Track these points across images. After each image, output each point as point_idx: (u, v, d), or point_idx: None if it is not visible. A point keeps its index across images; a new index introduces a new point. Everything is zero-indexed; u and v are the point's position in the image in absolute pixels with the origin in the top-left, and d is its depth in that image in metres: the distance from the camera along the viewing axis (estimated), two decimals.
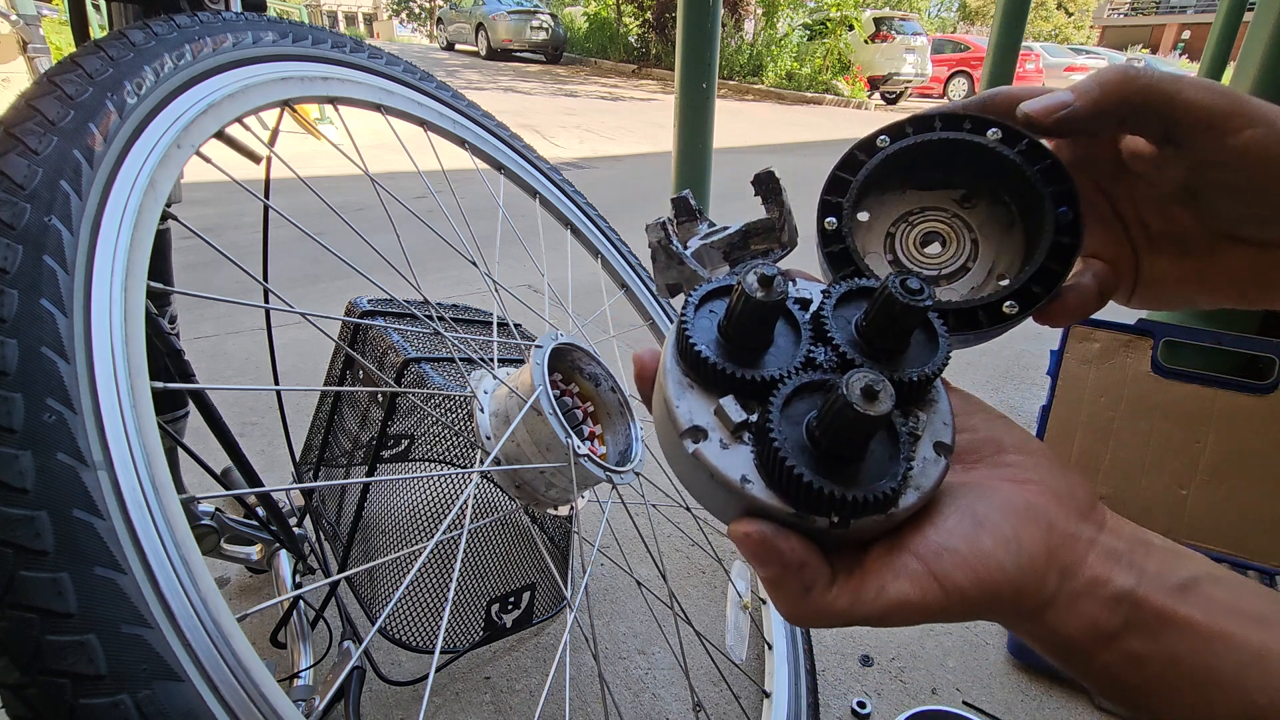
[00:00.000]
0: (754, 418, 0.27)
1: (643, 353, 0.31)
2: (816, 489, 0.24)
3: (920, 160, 0.34)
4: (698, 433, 0.26)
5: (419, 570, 0.84)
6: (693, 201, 0.38)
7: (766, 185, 0.36)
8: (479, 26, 14.39)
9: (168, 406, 0.80)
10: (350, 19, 38.70)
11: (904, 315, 0.27)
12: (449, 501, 0.83)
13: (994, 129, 0.32)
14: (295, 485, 1.09)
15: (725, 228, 0.37)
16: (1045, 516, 0.26)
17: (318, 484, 1.01)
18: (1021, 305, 0.31)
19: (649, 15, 12.69)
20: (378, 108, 0.68)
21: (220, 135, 0.50)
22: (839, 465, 0.25)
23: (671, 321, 1.03)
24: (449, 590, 0.83)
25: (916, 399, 0.28)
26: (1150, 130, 0.30)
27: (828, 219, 0.33)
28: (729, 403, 0.27)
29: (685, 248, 0.37)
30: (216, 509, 0.93)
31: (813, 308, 0.30)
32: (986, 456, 0.29)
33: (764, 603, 0.96)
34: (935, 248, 0.35)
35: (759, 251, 0.37)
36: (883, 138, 0.33)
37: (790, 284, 0.32)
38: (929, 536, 0.25)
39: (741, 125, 8.01)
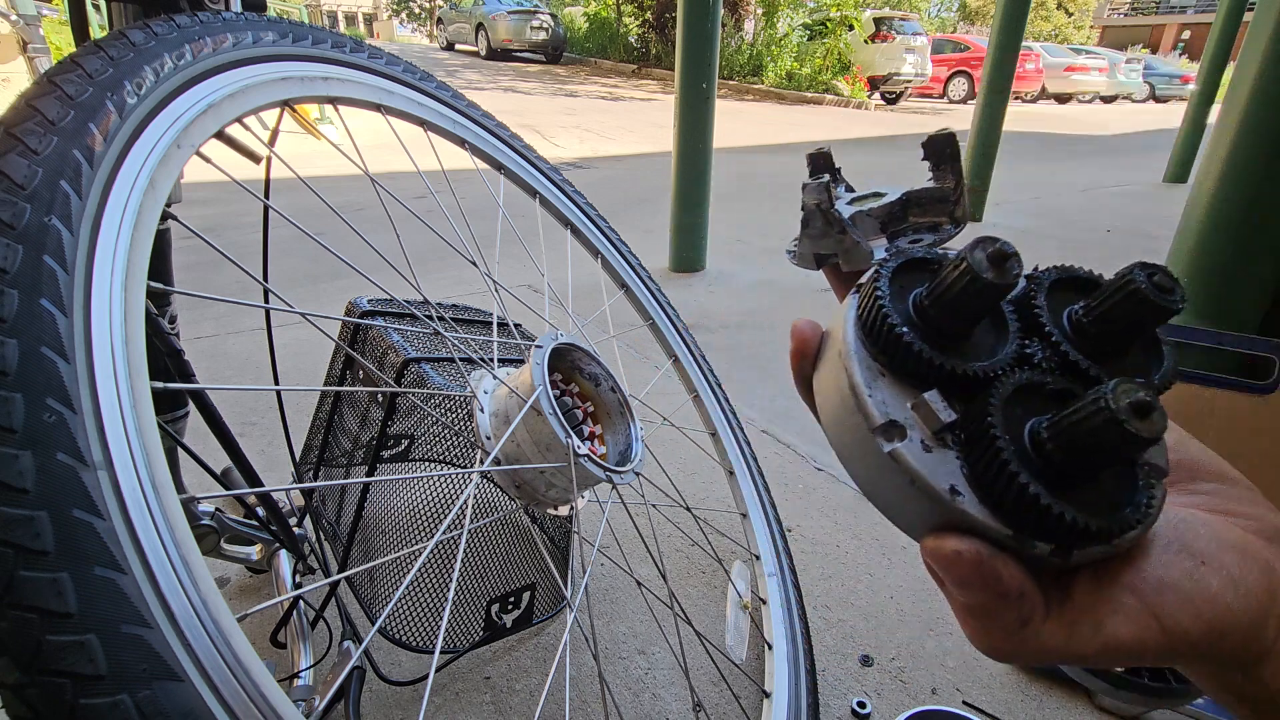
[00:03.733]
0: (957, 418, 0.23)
1: (803, 325, 0.27)
2: (1056, 513, 0.21)
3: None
4: (895, 430, 0.23)
5: (419, 570, 0.84)
6: (834, 161, 0.34)
7: (941, 149, 0.31)
8: (479, 26, 14.40)
9: (168, 406, 0.80)
10: (350, 19, 38.70)
11: (1147, 316, 0.23)
12: (449, 501, 0.83)
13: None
14: (295, 485, 1.09)
15: (881, 193, 0.33)
16: (1261, 556, 0.23)
17: (318, 484, 1.01)
18: None
19: (649, 15, 12.69)
20: (378, 108, 0.68)
21: (220, 135, 0.50)
22: (1066, 485, 0.22)
23: (665, 323, 1.03)
24: (449, 590, 0.83)
25: None
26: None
27: None
28: (935, 399, 0.23)
29: None
30: (216, 509, 0.93)
31: (1014, 293, 0.26)
32: (1178, 481, 0.26)
33: (764, 603, 0.96)
34: None
35: (923, 225, 0.32)
36: None
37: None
38: (1144, 570, 0.23)
39: (741, 125, 8.01)
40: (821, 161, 0.34)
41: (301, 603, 0.93)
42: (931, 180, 0.32)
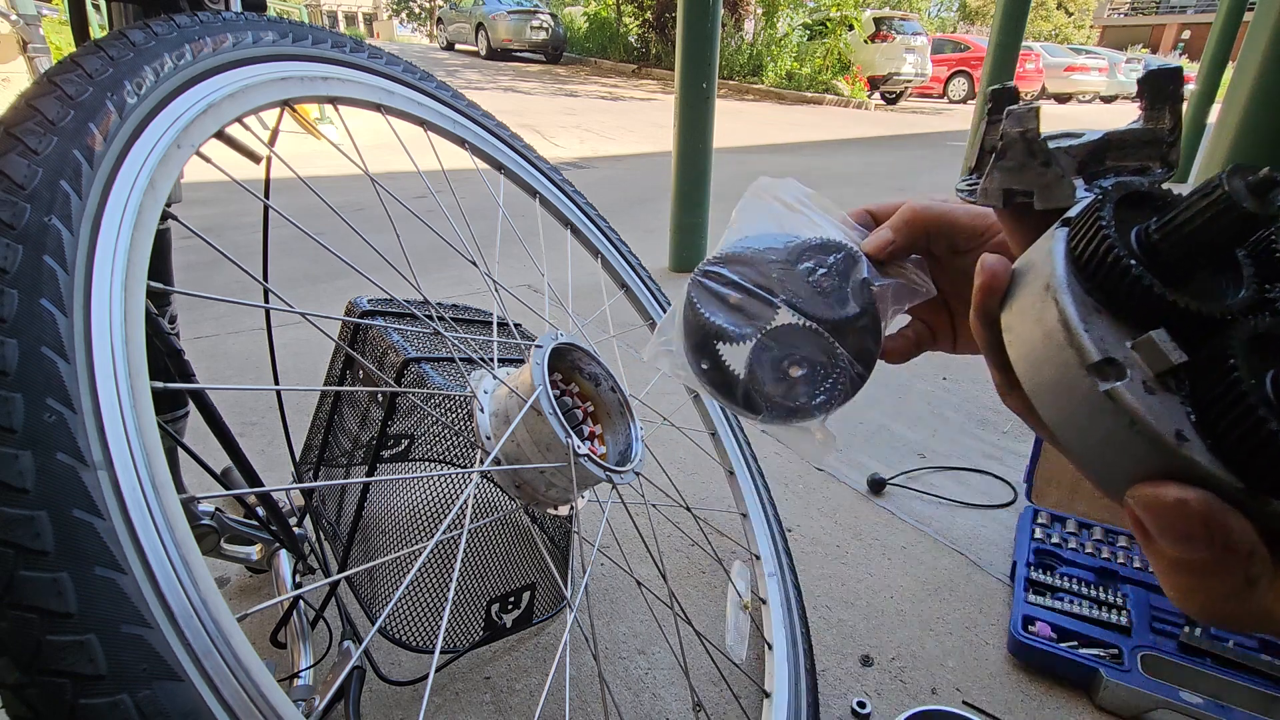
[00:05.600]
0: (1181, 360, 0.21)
1: (993, 260, 0.26)
2: None
3: None
4: (1113, 368, 0.21)
5: (419, 570, 0.84)
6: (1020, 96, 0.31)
7: (1163, 85, 0.28)
8: (479, 26, 14.40)
9: (168, 406, 0.80)
10: (350, 19, 38.73)
11: None
12: (449, 501, 0.83)
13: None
14: (295, 485, 1.09)
15: (1076, 134, 0.30)
16: None
17: (318, 484, 1.01)
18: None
19: (649, 15, 12.69)
20: (378, 108, 0.68)
21: (220, 135, 0.50)
22: None
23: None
24: (449, 590, 0.83)
25: None
26: (940, 247, 0.40)
27: None
28: (1164, 338, 0.21)
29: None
30: (216, 509, 0.93)
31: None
32: None
33: (764, 603, 0.96)
34: None
35: (1125, 169, 0.29)
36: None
37: None
38: None
39: (741, 125, 8.01)
40: (1007, 96, 0.31)
41: (301, 603, 0.93)
42: (1140, 120, 0.29)
